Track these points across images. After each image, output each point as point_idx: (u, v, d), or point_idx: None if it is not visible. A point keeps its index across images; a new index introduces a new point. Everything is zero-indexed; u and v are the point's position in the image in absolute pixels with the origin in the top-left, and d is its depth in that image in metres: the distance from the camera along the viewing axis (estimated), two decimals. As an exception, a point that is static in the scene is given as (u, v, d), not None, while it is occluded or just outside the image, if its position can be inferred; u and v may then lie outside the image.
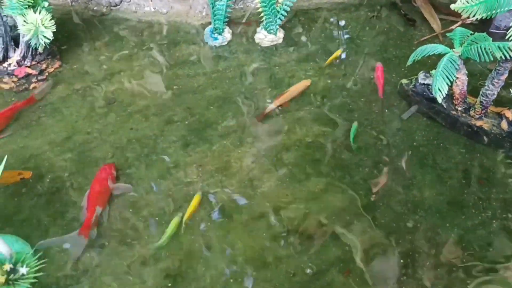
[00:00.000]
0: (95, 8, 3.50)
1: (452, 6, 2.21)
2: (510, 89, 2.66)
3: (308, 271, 2.06)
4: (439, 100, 2.33)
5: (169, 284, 2.04)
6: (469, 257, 2.10)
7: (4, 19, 2.83)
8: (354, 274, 2.05)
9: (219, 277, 2.05)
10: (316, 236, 2.19)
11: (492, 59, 2.22)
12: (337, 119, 2.71)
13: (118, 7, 3.49)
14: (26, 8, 2.72)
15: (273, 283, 2.03)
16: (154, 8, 3.46)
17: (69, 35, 3.31)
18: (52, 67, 3.05)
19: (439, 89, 2.30)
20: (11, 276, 1.97)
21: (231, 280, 2.04)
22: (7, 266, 1.98)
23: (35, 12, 2.75)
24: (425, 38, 3.22)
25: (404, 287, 2.02)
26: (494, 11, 2.12)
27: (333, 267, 2.08)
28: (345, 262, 2.09)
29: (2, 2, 2.74)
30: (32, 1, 2.73)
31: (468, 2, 2.14)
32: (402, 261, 2.10)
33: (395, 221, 2.23)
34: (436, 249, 2.13)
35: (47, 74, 3.01)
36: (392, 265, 2.09)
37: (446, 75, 2.30)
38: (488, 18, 2.15)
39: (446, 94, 2.34)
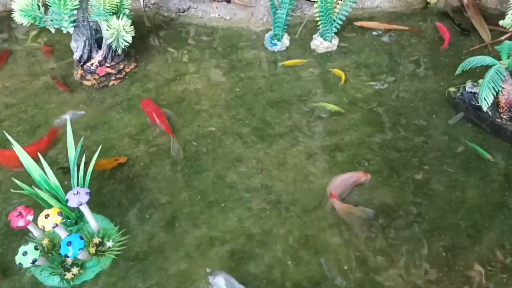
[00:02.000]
0: (165, 13, 3.84)
1: (501, 23, 2.40)
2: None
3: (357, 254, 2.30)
4: (485, 108, 2.52)
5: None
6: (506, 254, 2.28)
7: (91, 24, 3.19)
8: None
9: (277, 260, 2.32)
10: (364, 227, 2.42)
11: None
12: (386, 122, 2.92)
13: (186, 13, 3.82)
14: (110, 14, 3.07)
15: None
16: (219, 15, 3.77)
17: (142, 38, 3.65)
18: (128, 68, 3.41)
19: (484, 99, 2.49)
20: (100, 248, 2.32)
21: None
22: (97, 240, 2.33)
23: (118, 18, 3.10)
24: (474, 48, 3.38)
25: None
26: (538, 29, 2.29)
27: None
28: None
29: (88, 9, 3.10)
30: (116, 9, 3.09)
31: (514, 19, 2.32)
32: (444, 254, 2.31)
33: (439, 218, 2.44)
34: (476, 244, 2.32)
35: (124, 73, 3.37)
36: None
37: (492, 86, 2.48)
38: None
39: (491, 103, 2.53)
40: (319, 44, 3.46)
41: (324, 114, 3.01)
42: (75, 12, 2.98)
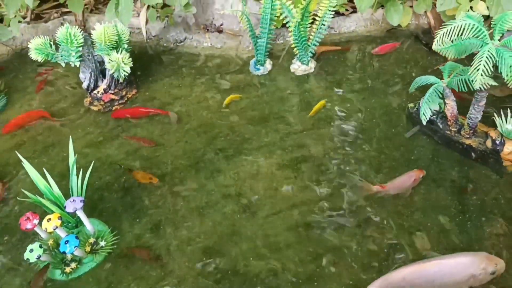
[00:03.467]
0: (165, 44, 4.35)
1: (433, 47, 2.76)
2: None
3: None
4: (424, 123, 2.87)
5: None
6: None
7: (95, 57, 3.72)
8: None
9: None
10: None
11: (466, 89, 2.74)
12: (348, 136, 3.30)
13: (182, 43, 4.32)
14: (111, 49, 3.59)
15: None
16: (211, 44, 4.24)
17: (144, 66, 4.16)
18: (130, 94, 3.90)
19: (423, 114, 2.84)
20: (94, 246, 2.78)
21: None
22: (92, 240, 2.79)
23: (117, 52, 3.61)
24: (437, 67, 3.72)
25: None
26: (464, 54, 2.64)
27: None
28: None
29: (93, 46, 3.63)
30: (115, 44, 3.60)
31: (442, 45, 2.68)
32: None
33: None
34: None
35: (126, 99, 3.87)
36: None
37: (429, 102, 2.84)
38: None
39: (443, 117, 2.90)
40: (297, 67, 3.88)
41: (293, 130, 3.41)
42: (80, 48, 3.50)
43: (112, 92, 3.85)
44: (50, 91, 4.12)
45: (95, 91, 3.85)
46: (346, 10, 4.28)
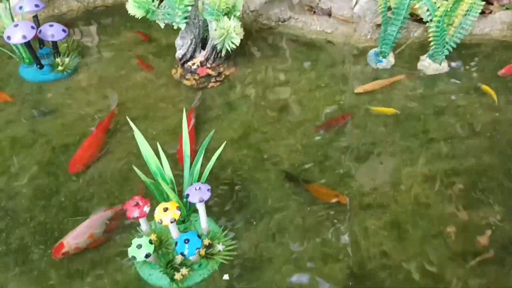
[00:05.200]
0: (264, 21, 3.76)
1: None
2: None
3: None
4: None
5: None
6: None
7: (200, 22, 3.13)
8: None
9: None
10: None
11: None
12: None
13: (285, 23, 3.74)
14: (223, 15, 3.00)
15: None
16: (320, 28, 3.67)
17: (241, 44, 3.57)
18: (228, 71, 3.32)
19: None
20: (209, 250, 2.18)
21: None
22: (207, 241, 2.20)
23: (228, 19, 3.03)
24: None
25: None
26: None
27: None
28: None
29: (199, 7, 3.04)
30: (228, 9, 3.02)
31: None
32: None
33: None
34: None
35: (224, 76, 3.28)
36: None
37: None
38: None
39: None
40: (427, 65, 3.31)
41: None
42: (189, 8, 2.92)
43: (209, 66, 3.26)
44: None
45: (189, 63, 3.26)
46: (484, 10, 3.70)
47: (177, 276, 2.10)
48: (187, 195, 2.08)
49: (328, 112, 3.01)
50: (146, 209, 2.07)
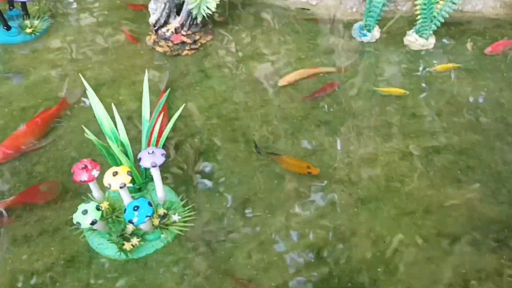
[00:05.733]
0: (246, -10, 3.59)
1: None
2: None
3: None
4: None
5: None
6: None
7: (174, -14, 2.96)
8: None
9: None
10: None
11: None
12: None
13: (268, -8, 3.57)
14: (198, -23, 2.83)
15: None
16: (305, -1, 3.50)
17: (221, 13, 3.41)
18: (204, 40, 3.15)
19: None
20: (164, 220, 2.03)
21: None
22: (162, 211, 2.05)
23: (204, -17, 2.85)
24: None
25: None
26: None
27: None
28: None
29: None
30: (204, -28, 2.85)
31: None
32: None
33: None
34: None
35: (200, 44, 3.12)
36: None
37: None
38: None
39: None
40: (413, 40, 3.15)
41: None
42: (162, -32, 2.74)
43: (185, 33, 3.09)
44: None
45: (163, 29, 3.09)
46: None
47: (127, 246, 1.95)
48: (140, 159, 1.92)
49: (306, 84, 2.85)
50: (95, 173, 1.91)
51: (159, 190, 2.06)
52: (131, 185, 2.09)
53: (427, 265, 1.98)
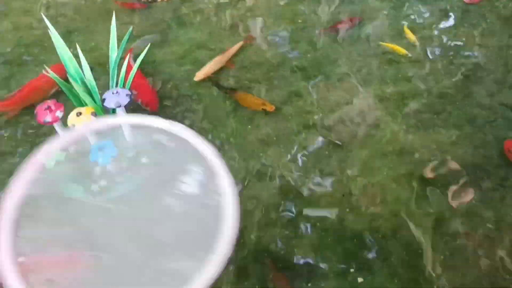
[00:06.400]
0: None
1: None
2: None
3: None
4: None
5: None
6: None
7: None
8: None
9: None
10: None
11: None
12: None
13: None
14: None
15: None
16: None
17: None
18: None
19: None
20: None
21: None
22: (132, 153, 2.02)
23: None
24: None
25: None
26: None
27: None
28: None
29: None
30: None
31: None
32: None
33: None
34: None
35: (175, -11, 3.03)
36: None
37: None
38: None
39: None
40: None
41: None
42: None
43: (160, -22, 3.00)
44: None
45: (139, -26, 2.99)
46: None
47: (94, 187, 1.93)
48: (103, 100, 1.88)
49: (282, 33, 2.78)
50: (59, 114, 1.87)
51: (127, 132, 2.02)
52: (99, 128, 2.07)
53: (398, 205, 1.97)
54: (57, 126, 1.95)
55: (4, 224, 1.04)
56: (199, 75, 2.49)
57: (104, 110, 2.03)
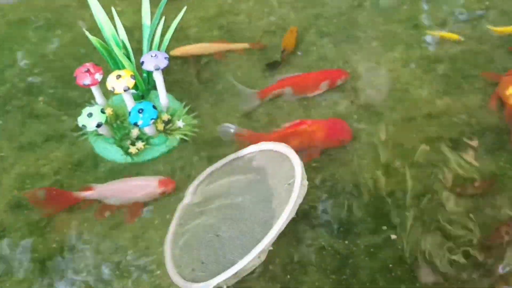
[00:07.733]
0: None
1: None
2: None
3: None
4: None
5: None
6: None
7: None
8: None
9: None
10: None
11: None
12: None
13: None
14: None
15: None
16: None
17: None
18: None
19: None
20: (169, 126, 2.05)
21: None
22: (166, 117, 2.06)
23: None
24: None
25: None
26: None
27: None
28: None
29: None
30: None
31: None
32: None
33: None
34: None
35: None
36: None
37: None
38: None
39: None
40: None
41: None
42: None
43: None
44: None
45: None
46: None
47: (132, 149, 1.98)
48: (142, 62, 1.91)
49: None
50: (98, 76, 1.91)
51: (162, 95, 2.06)
52: (134, 91, 2.11)
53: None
54: (95, 90, 1.99)
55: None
56: (175, 52, 2.42)
57: (141, 76, 2.06)
